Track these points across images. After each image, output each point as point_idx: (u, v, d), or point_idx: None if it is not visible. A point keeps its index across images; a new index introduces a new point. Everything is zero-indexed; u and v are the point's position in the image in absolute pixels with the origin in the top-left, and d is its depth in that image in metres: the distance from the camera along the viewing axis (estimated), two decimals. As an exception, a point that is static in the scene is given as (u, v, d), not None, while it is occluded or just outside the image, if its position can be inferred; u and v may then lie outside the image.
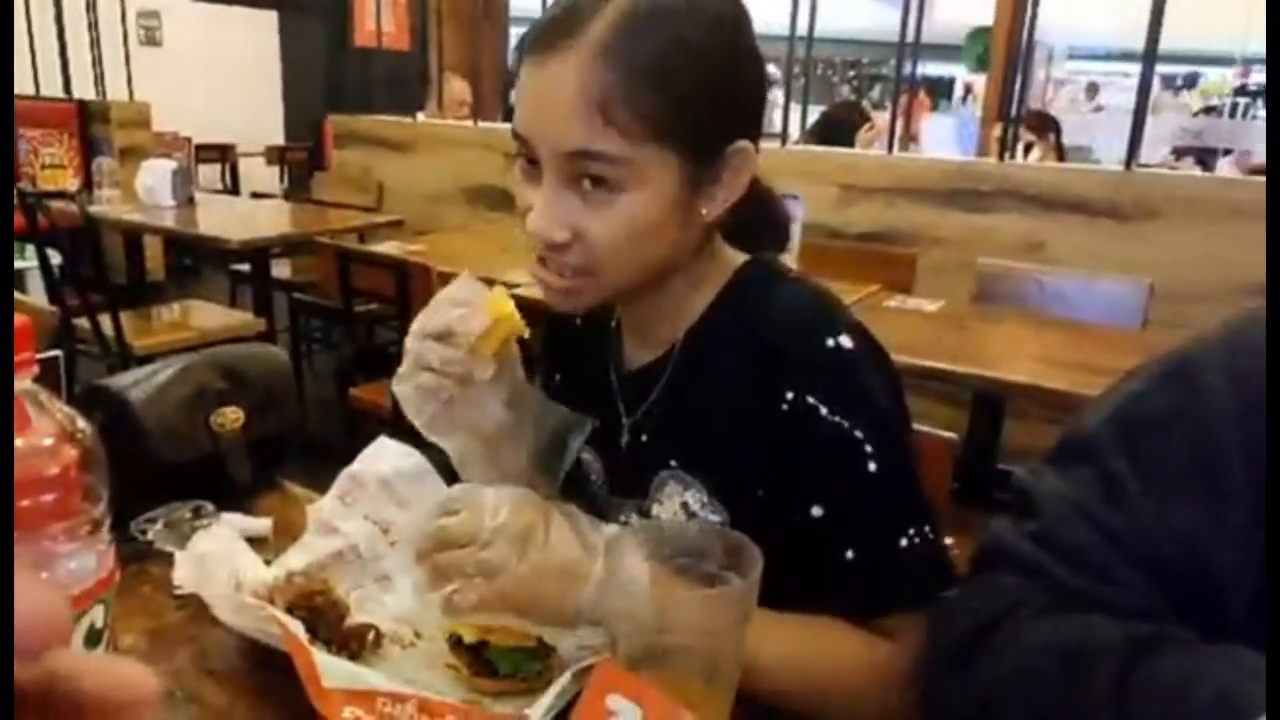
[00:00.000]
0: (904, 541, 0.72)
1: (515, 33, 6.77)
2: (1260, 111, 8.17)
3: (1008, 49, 3.46)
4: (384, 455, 0.88)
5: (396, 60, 5.79)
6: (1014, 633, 0.58)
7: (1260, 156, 6.38)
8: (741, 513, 0.77)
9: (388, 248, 2.73)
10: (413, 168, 4.19)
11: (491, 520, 0.67)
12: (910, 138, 3.64)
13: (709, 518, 0.78)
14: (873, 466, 0.72)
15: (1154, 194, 2.61)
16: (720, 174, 0.74)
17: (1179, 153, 6.90)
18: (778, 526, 0.72)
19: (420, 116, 4.44)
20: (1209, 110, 8.17)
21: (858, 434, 0.72)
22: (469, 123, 4.19)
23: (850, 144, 3.75)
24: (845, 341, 0.74)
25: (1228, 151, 6.98)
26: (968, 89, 8.36)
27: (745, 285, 0.80)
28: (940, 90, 9.66)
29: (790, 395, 0.73)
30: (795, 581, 0.72)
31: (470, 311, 0.74)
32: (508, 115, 4.61)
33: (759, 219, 0.85)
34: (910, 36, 3.18)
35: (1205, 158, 6.88)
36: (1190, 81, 8.66)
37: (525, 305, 0.78)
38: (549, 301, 0.78)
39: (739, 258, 0.83)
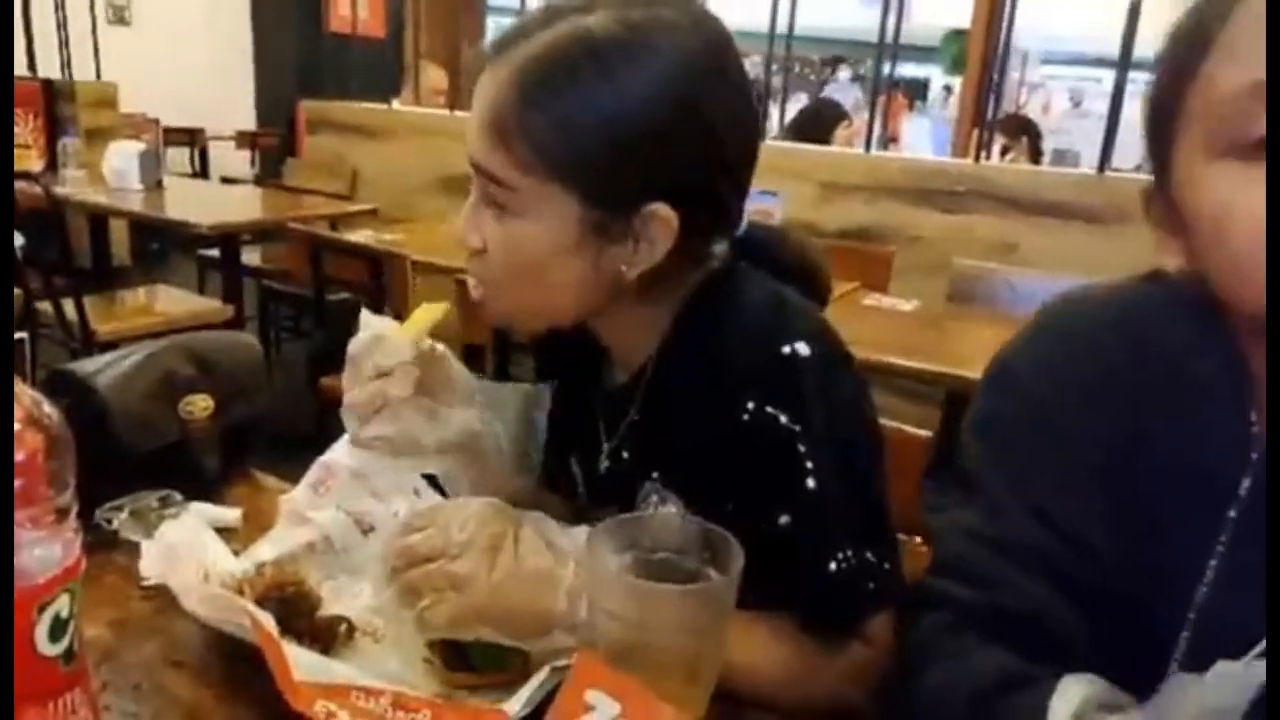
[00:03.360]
0: (833, 565, 0.70)
1: (493, 22, 6.71)
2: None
3: (984, 52, 3.49)
4: (358, 445, 0.87)
5: (372, 46, 5.72)
6: (918, 684, 0.63)
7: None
8: (715, 524, 0.75)
9: (361, 236, 2.70)
10: (387, 156, 4.14)
11: (459, 533, 0.67)
12: (891, 138, 3.66)
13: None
14: (811, 483, 0.70)
15: (1125, 197, 2.64)
16: (637, 231, 0.70)
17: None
18: (747, 538, 0.69)
19: (395, 104, 4.39)
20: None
21: (801, 447, 0.70)
22: (445, 111, 4.15)
23: (827, 141, 3.76)
24: (801, 348, 0.71)
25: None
26: (948, 90, 8.44)
27: (706, 298, 0.77)
28: (916, 91, 9.72)
29: (751, 405, 0.71)
30: (763, 591, 0.71)
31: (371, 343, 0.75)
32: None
33: (785, 277, 0.80)
34: (889, 37, 3.19)
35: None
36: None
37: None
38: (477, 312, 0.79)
39: (696, 278, 0.79)
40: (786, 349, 0.71)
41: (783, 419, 0.70)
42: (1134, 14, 2.61)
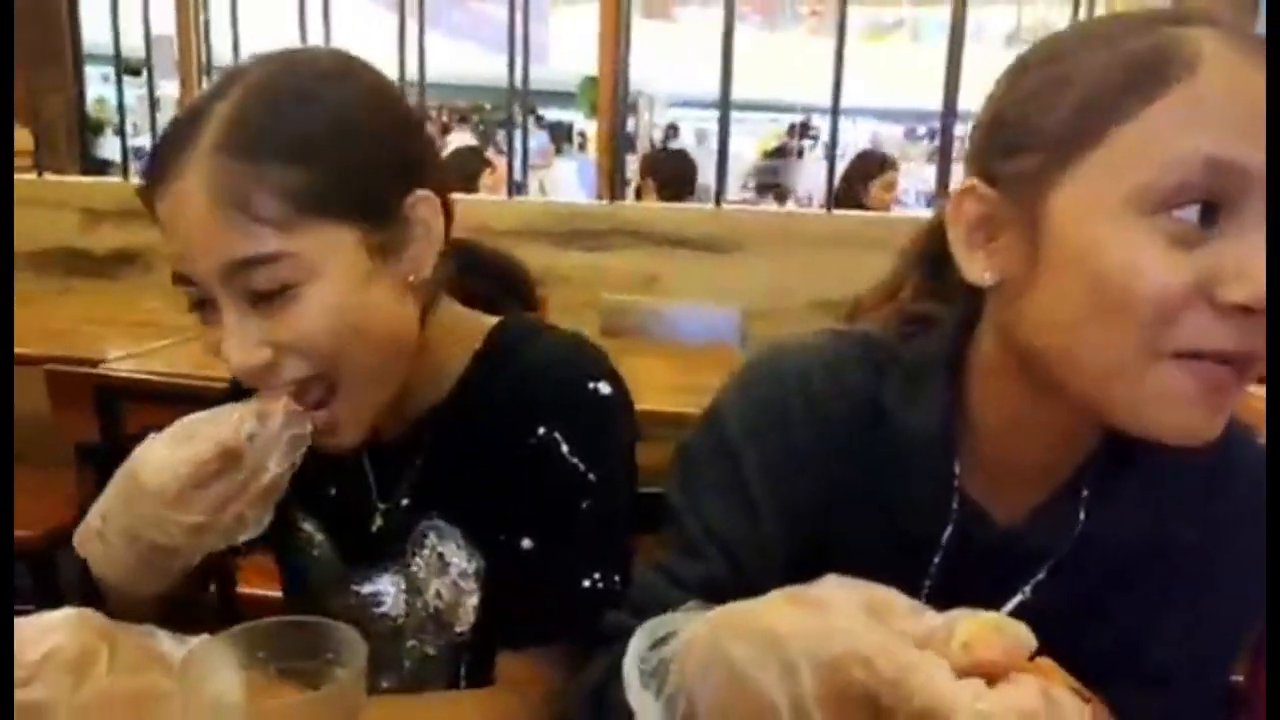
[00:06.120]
0: (587, 582, 0.74)
1: (91, 71, 5.95)
2: (815, 153, 9.70)
3: (613, 97, 3.75)
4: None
5: (-71, 101, 4.82)
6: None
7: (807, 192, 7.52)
8: (493, 554, 0.77)
9: (-76, 329, 2.24)
10: (-41, 229, 3.49)
11: (32, 653, 0.57)
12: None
13: (465, 564, 0.78)
14: (585, 504, 0.75)
15: (739, 228, 2.96)
16: (409, 231, 0.72)
17: (760, 189, 7.95)
18: (506, 561, 0.76)
19: (-34, 169, 3.73)
20: (778, 152, 9.53)
21: (591, 477, 0.75)
22: (31, 175, 3.60)
23: (475, 189, 3.81)
24: (603, 388, 0.77)
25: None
26: (582, 135, 8.98)
27: (505, 342, 0.80)
28: (564, 135, 10.19)
29: (541, 431, 0.75)
30: (507, 616, 0.76)
31: None
32: (88, 168, 4.05)
33: (495, 283, 0.88)
34: (519, 83, 3.31)
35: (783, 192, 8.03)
36: (934, 134, 9.89)
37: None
38: (327, 446, 0.72)
39: (488, 320, 0.82)
40: (591, 385, 0.76)
41: (565, 448, 0.74)
42: (727, 66, 2.96)
